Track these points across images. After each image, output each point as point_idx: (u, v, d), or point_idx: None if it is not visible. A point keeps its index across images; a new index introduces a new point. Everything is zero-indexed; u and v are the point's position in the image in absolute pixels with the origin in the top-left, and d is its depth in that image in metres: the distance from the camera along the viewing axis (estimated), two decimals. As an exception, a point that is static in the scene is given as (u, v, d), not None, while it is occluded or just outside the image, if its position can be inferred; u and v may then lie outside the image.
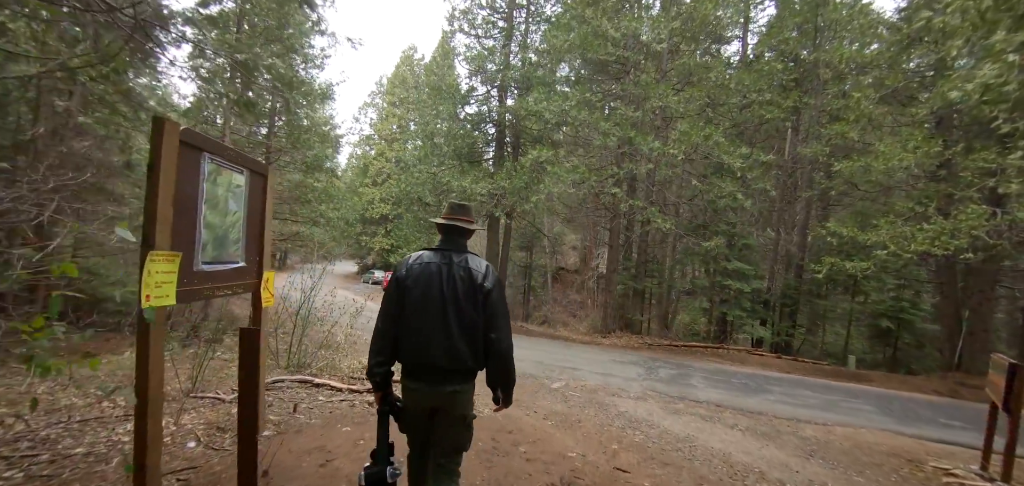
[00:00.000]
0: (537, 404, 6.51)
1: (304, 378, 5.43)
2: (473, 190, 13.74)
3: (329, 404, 4.67)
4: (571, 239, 33.14)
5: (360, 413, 4.43)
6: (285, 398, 4.78)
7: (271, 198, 3.82)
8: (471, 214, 2.37)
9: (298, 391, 5.09)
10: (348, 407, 4.62)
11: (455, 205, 2.32)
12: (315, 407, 4.55)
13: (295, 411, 4.29)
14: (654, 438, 5.29)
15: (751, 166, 12.00)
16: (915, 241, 9.82)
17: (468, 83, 17.74)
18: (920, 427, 6.79)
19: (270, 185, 3.78)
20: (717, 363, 11.15)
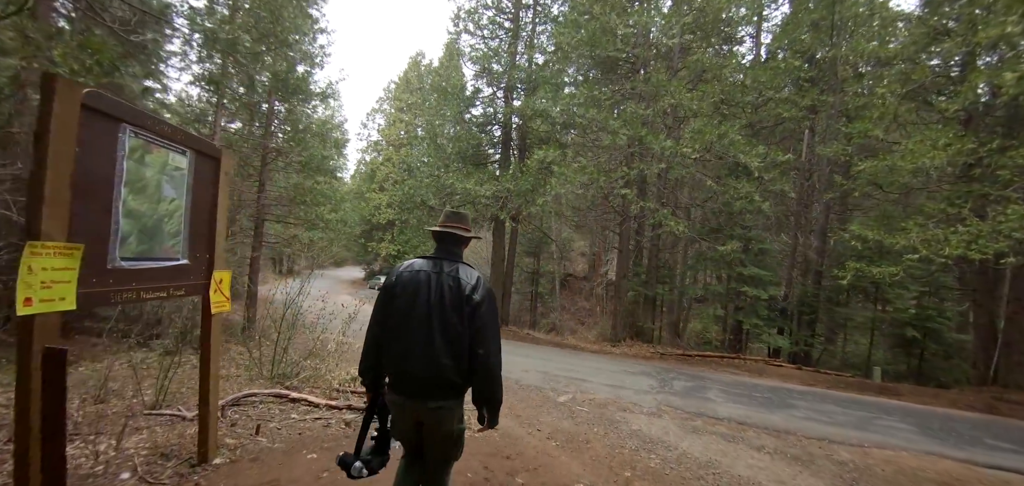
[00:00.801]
0: (541, 420, 5.96)
1: (279, 392, 4.94)
2: (477, 192, 13.26)
3: (301, 423, 4.17)
4: (580, 245, 32.56)
5: (334, 436, 3.92)
6: (254, 416, 4.28)
7: (227, 186, 3.34)
8: (467, 222, 2.26)
9: (270, 407, 4.59)
10: (322, 428, 4.11)
11: (451, 213, 2.24)
12: (284, 427, 4.05)
13: (257, 433, 3.79)
14: (672, 463, 4.71)
15: (769, 166, 11.37)
16: (949, 244, 9.13)
17: (474, 85, 17.33)
18: (966, 449, 6.12)
19: (225, 171, 3.29)
20: (734, 374, 10.50)
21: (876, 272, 10.59)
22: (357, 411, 4.66)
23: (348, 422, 4.31)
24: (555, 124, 14.63)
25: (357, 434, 2.64)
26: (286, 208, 11.46)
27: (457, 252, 2.16)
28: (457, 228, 2.18)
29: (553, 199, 16.33)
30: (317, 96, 11.28)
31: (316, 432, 3.99)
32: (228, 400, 4.65)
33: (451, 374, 1.94)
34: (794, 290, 15.27)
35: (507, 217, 13.62)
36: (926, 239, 9.57)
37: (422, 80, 36.02)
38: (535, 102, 12.83)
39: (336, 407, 4.68)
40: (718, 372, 10.66)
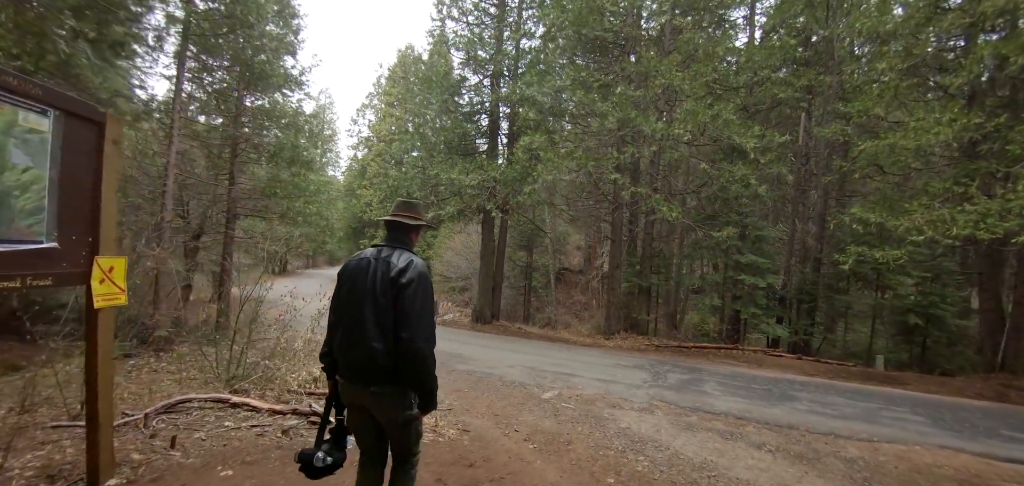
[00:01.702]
0: (521, 419, 5.44)
1: (220, 397, 4.41)
2: (463, 182, 12.71)
3: (234, 432, 3.64)
4: (575, 239, 32.02)
5: (263, 447, 3.39)
6: (183, 424, 3.74)
7: (116, 158, 2.78)
8: (417, 211, 2.28)
9: (207, 413, 4.06)
10: (255, 437, 3.58)
11: (401, 201, 2.27)
12: (211, 438, 3.51)
13: (172, 446, 3.25)
14: (662, 465, 4.20)
15: (765, 148, 10.86)
16: (956, 224, 8.65)
17: (460, 72, 16.73)
18: (982, 442, 5.64)
19: (113, 139, 2.72)
20: (732, 366, 10.02)
21: (879, 256, 10.11)
22: (302, 416, 4.13)
23: (286, 430, 3.78)
24: (543, 110, 14.09)
25: (295, 442, 2.81)
26: (260, 202, 10.87)
27: (405, 240, 2.16)
28: (404, 216, 2.19)
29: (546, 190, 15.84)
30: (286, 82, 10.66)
31: (245, 443, 3.45)
32: (159, 406, 4.11)
33: (383, 359, 1.92)
34: (793, 278, 14.79)
35: (494, 208, 13.06)
36: (932, 220, 9.07)
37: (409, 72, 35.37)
38: (520, 87, 12.27)
39: (279, 413, 4.15)
40: (715, 364, 10.17)
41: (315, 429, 3.97)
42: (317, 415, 4.10)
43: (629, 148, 10.91)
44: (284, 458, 3.20)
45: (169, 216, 8.07)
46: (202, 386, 5.63)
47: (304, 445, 3.56)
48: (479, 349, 10.58)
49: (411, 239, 2.20)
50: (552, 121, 15.20)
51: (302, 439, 3.67)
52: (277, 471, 3.00)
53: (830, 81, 13.62)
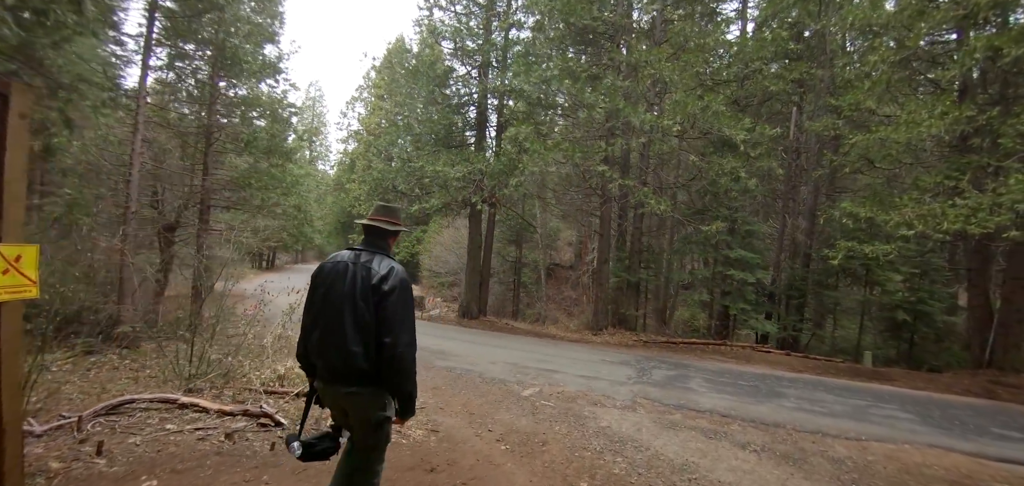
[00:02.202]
0: (497, 418, 5.19)
1: (167, 397, 4.11)
2: (448, 174, 12.40)
3: (173, 436, 3.35)
4: (567, 235, 31.78)
5: (201, 453, 3.12)
6: (121, 428, 3.45)
7: (23, 133, 2.46)
8: (396, 216, 2.29)
9: (150, 415, 3.76)
10: (196, 441, 3.30)
11: (380, 206, 2.29)
12: (146, 442, 3.22)
13: (99, 453, 2.95)
14: (641, 467, 3.96)
15: (755, 141, 10.66)
16: (947, 219, 8.50)
17: (448, 63, 16.37)
18: (973, 440, 5.48)
19: (18, 111, 2.40)
20: (720, 362, 9.84)
21: (868, 251, 9.97)
22: (252, 417, 3.84)
23: (231, 434, 3.48)
24: (532, 102, 13.80)
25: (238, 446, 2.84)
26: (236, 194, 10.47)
27: (382, 244, 2.18)
28: (382, 221, 2.21)
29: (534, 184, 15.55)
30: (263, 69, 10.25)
31: (182, 448, 3.17)
32: (99, 408, 3.80)
33: (360, 362, 1.95)
34: (782, 274, 14.68)
35: (480, 201, 12.77)
36: (922, 214, 8.93)
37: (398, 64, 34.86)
38: (508, 77, 11.97)
39: (229, 414, 3.86)
40: (703, 360, 9.99)
41: (264, 431, 3.70)
42: (268, 416, 3.82)
43: (618, 140, 10.66)
44: (220, 465, 2.92)
45: (134, 207, 7.69)
46: (161, 384, 5.32)
47: (248, 449, 3.29)
48: (463, 345, 10.32)
49: (388, 244, 2.23)
50: (541, 113, 14.93)
51: (247, 443, 3.39)
52: (208, 481, 2.72)
53: (822, 75, 13.47)
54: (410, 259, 34.09)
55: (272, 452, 3.29)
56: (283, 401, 4.75)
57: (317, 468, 2.99)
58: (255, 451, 3.26)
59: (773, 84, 12.35)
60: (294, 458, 2.07)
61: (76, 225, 9.52)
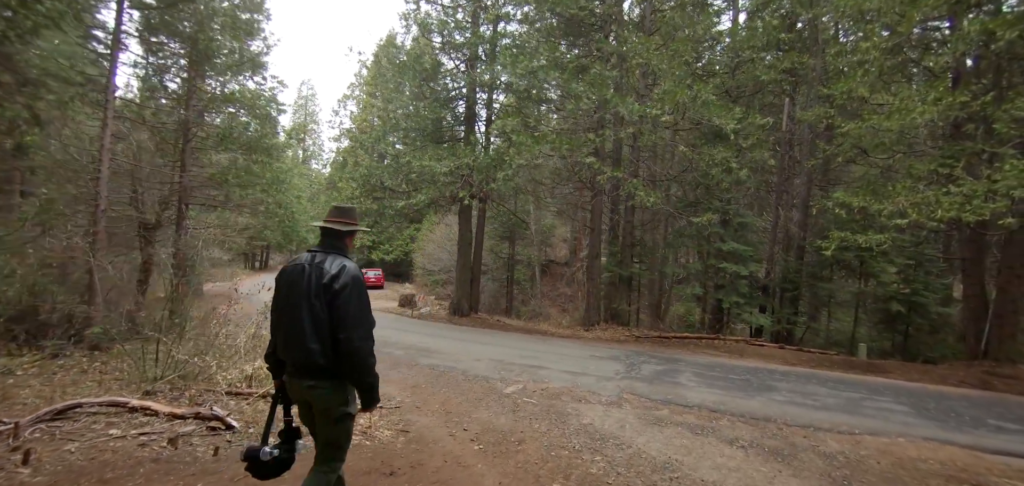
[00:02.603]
0: (474, 417, 4.96)
1: (116, 400, 3.86)
2: (435, 169, 12.15)
3: (114, 443, 3.15)
4: (562, 231, 31.58)
5: (136, 461, 2.93)
6: (62, 434, 3.23)
7: None
8: (351, 216, 2.34)
9: (97, 420, 3.53)
10: (136, 448, 3.08)
11: (335, 207, 2.34)
12: (82, 449, 3.02)
13: (25, 462, 2.71)
14: (620, 466, 3.74)
15: (747, 130, 10.47)
16: (941, 207, 8.33)
17: (436, 57, 16.10)
18: (969, 433, 5.30)
19: None
20: (712, 356, 9.64)
21: (862, 240, 9.80)
22: (203, 420, 3.61)
23: (176, 439, 3.25)
24: (520, 95, 13.57)
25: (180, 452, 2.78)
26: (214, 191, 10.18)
27: (338, 245, 2.23)
28: (336, 222, 2.26)
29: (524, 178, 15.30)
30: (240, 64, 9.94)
31: (119, 455, 2.95)
32: (43, 413, 3.56)
33: (318, 358, 2.03)
34: (776, 266, 14.51)
35: (468, 196, 12.53)
36: (916, 202, 8.76)
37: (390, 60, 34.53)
38: (495, 69, 11.73)
39: (180, 417, 3.63)
40: (695, 354, 9.79)
41: (213, 435, 3.46)
42: (219, 419, 3.58)
43: (606, 131, 10.44)
44: (153, 474, 2.70)
45: (104, 206, 7.41)
46: (125, 387, 5.07)
47: (189, 456, 3.06)
48: (450, 342, 10.09)
49: (345, 244, 2.27)
50: (531, 107, 14.69)
51: (191, 448, 3.16)
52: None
53: (814, 64, 13.28)
54: (404, 257, 33.86)
55: (215, 458, 3.06)
56: (245, 402, 4.52)
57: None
58: (196, 457, 3.03)
59: (765, 74, 12.16)
60: (240, 464, 2.08)
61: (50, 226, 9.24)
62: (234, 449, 3.18)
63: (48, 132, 8.94)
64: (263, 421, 4.03)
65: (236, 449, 3.18)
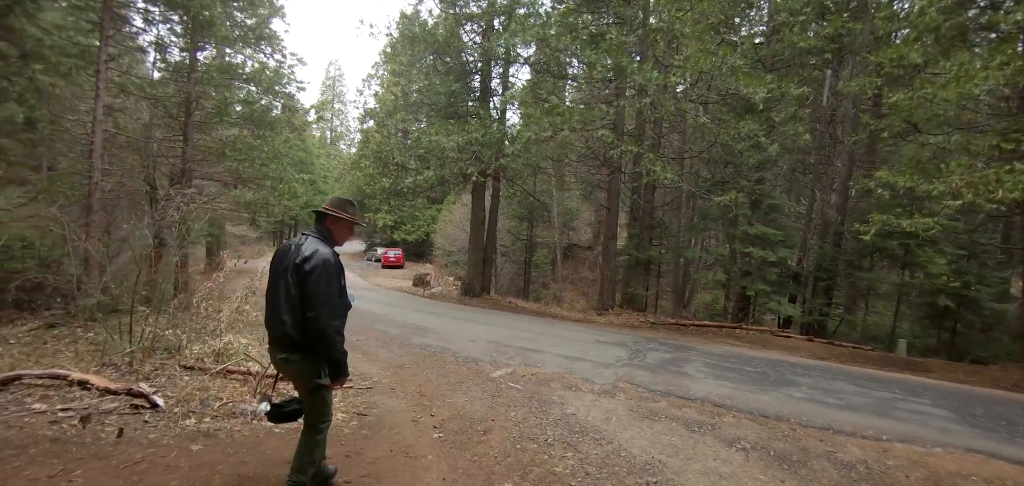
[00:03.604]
0: (448, 401, 4.56)
1: (58, 373, 3.66)
2: (442, 144, 11.73)
3: (29, 418, 3.00)
4: (587, 215, 30.78)
5: (34, 440, 2.81)
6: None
7: None
8: (340, 206, 2.47)
9: (29, 393, 3.34)
10: (46, 424, 2.94)
11: (334, 199, 2.52)
12: None
13: None
14: (592, 465, 3.25)
15: (779, 100, 9.52)
16: (1003, 186, 7.28)
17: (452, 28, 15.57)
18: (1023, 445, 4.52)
19: None
20: (730, 345, 8.92)
21: (906, 225, 8.79)
22: (134, 397, 3.37)
23: (88, 416, 3.01)
24: (538, 68, 12.92)
25: (85, 432, 2.77)
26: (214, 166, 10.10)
27: (322, 229, 2.40)
28: (327, 209, 2.44)
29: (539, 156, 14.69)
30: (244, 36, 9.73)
31: (21, 433, 2.84)
32: None
33: (289, 331, 2.20)
34: (810, 253, 13.44)
35: (476, 173, 12.06)
36: (972, 182, 7.70)
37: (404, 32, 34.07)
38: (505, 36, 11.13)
39: (113, 392, 3.38)
40: (712, 343, 9.09)
41: (134, 414, 3.22)
42: (144, 397, 3.34)
43: (621, 103, 9.71)
44: (39, 457, 2.47)
45: (97, 177, 7.33)
46: (102, 358, 4.90)
47: (88, 437, 2.82)
48: (451, 322, 9.75)
49: (326, 227, 2.40)
50: (549, 82, 14.01)
51: (100, 428, 2.90)
52: (10, 474, 2.22)
53: (861, 29, 12.01)
54: (426, 238, 33.84)
55: (116, 441, 2.78)
56: (206, 377, 4.25)
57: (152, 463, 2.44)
58: (98, 439, 2.78)
59: (804, 41, 11.04)
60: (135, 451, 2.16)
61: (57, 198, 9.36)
62: (143, 430, 2.90)
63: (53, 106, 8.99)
64: (199, 397, 3.77)
65: (147, 430, 2.91)
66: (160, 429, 2.96)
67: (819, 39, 11.25)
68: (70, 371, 3.72)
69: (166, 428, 2.98)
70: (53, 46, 7.50)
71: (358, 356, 6.50)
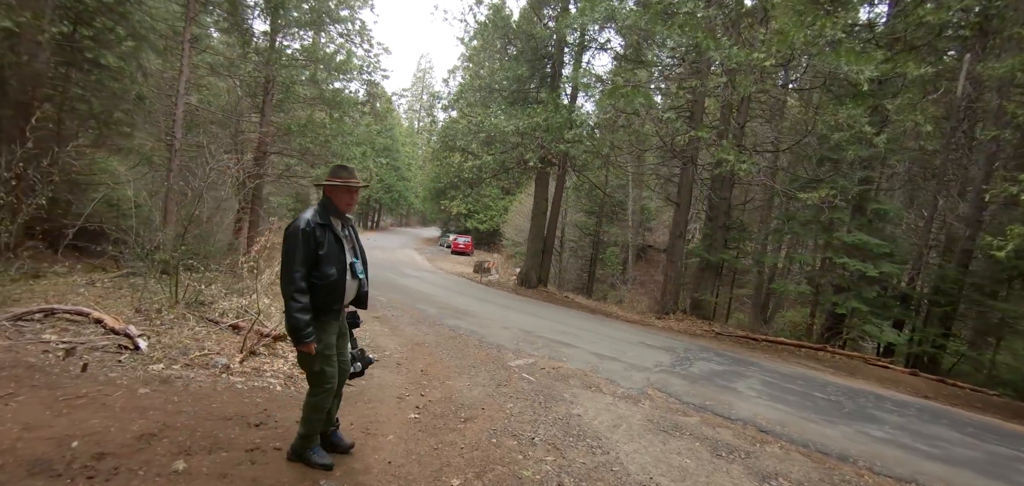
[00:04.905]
0: (447, 384, 4.28)
1: (81, 310, 3.92)
2: (502, 128, 11.49)
3: (33, 345, 3.19)
4: (666, 217, 29.01)
5: (21, 364, 2.85)
6: (11, 332, 3.28)
7: None
8: (334, 174, 2.45)
9: (52, 324, 3.62)
10: (37, 353, 3.26)
11: (332, 167, 2.52)
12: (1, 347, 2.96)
13: None
14: (571, 476, 2.74)
15: (893, 84, 8.00)
16: None
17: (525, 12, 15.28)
18: None
19: None
20: (805, 367, 7.65)
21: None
22: (127, 337, 3.48)
23: (72, 349, 3.16)
24: (615, 55, 12.18)
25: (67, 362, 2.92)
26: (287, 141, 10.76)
27: (324, 198, 2.45)
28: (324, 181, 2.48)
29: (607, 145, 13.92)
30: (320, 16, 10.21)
31: (15, 357, 2.88)
32: (20, 312, 3.75)
33: None
34: (926, 272, 11.27)
35: (535, 159, 11.65)
36: None
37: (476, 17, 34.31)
38: (572, 15, 10.56)
39: (117, 332, 3.53)
40: (783, 362, 7.86)
41: (116, 353, 3.34)
42: (130, 338, 3.46)
43: (693, 82, 8.74)
44: (12, 379, 2.50)
45: (178, 144, 8.07)
46: (151, 305, 5.31)
47: (58, 367, 2.94)
48: (492, 308, 9.49)
49: (327, 196, 2.43)
50: (628, 70, 13.17)
51: (74, 361, 2.98)
52: None
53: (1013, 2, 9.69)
54: (497, 229, 34.12)
55: (77, 375, 2.88)
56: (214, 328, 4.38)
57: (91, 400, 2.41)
58: (65, 370, 2.89)
59: (941, 15, 9.11)
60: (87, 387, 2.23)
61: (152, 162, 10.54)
62: (109, 369, 2.96)
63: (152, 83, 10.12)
64: (187, 347, 3.84)
65: (113, 369, 2.96)
66: (125, 370, 3.01)
67: (961, 11, 9.25)
68: (91, 310, 3.98)
69: (131, 370, 3.03)
70: (150, 29, 8.36)
71: (384, 330, 6.46)
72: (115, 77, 9.57)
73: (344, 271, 2.35)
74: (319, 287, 2.25)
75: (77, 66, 9.00)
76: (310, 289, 2.23)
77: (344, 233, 2.42)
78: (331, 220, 2.36)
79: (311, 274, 2.24)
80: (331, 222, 2.35)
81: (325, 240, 2.28)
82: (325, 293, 2.27)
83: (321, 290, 2.26)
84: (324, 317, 2.30)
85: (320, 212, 2.34)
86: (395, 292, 10.43)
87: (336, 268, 2.31)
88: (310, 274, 2.24)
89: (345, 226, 2.45)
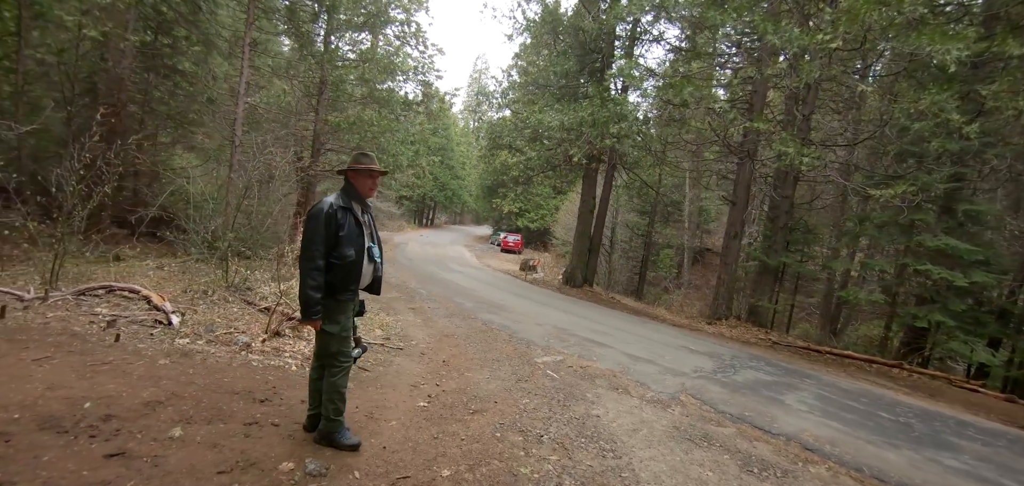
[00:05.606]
0: (465, 376, 4.23)
1: (134, 288, 4.26)
2: (546, 123, 11.34)
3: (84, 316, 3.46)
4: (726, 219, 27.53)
5: (65, 332, 3.16)
6: (72, 306, 3.64)
7: None
8: (355, 160, 2.57)
9: (105, 300, 3.96)
10: (84, 323, 3.41)
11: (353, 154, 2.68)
12: (56, 318, 3.36)
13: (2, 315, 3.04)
14: (570, 479, 2.57)
15: (990, 68, 7.05)
16: None
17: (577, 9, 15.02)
18: None
19: None
20: (873, 385, 6.84)
21: None
22: (166, 313, 3.75)
23: (114, 321, 3.47)
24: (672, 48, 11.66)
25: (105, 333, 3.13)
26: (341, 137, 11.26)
27: (347, 185, 2.57)
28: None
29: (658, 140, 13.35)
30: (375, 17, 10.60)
31: (63, 325, 3.25)
32: (81, 288, 4.21)
33: None
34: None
35: (579, 154, 11.38)
36: None
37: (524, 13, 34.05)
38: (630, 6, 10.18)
39: (159, 309, 3.79)
40: (846, 377, 7.09)
41: (151, 327, 3.56)
42: (165, 314, 3.70)
43: (748, 69, 8.14)
44: (51, 344, 2.79)
45: (239, 141, 8.65)
46: (205, 285, 5.73)
47: (94, 335, 3.17)
48: (530, 305, 9.36)
49: (349, 181, 2.55)
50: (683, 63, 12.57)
51: (112, 332, 3.22)
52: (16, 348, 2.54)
53: None
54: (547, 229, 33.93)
55: (110, 344, 3.11)
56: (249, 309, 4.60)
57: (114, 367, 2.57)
58: (101, 340, 3.13)
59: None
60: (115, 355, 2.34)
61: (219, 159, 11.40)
62: (140, 340, 3.16)
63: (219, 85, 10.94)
64: (207, 321, 4.05)
65: (144, 341, 3.17)
66: (153, 342, 3.22)
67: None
68: (141, 288, 4.32)
69: (159, 342, 3.23)
70: (217, 34, 9.03)
71: (416, 321, 6.54)
72: (190, 81, 10.47)
73: (362, 253, 2.45)
74: (337, 266, 2.35)
75: (156, 71, 9.92)
76: (328, 268, 2.34)
77: (364, 218, 2.52)
78: (352, 204, 2.47)
79: (330, 254, 2.34)
80: (352, 206, 2.47)
81: (346, 222, 2.39)
82: (343, 272, 2.37)
83: (339, 270, 2.36)
84: (342, 296, 2.39)
85: (342, 196, 2.46)
86: (437, 285, 10.59)
87: (354, 249, 2.40)
88: (330, 254, 2.34)
89: (364, 211, 2.55)
